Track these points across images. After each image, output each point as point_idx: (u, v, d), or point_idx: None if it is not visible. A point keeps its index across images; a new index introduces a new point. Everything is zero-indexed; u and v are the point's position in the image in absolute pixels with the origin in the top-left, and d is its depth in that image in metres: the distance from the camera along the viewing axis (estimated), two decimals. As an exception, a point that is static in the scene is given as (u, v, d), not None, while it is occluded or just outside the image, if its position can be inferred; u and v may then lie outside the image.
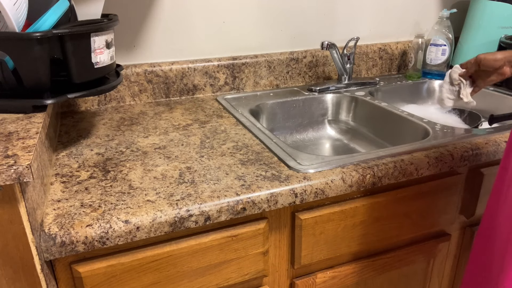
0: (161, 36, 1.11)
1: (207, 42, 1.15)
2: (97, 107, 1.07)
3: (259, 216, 0.72)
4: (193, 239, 0.67)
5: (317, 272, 0.82)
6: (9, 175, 0.50)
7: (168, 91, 1.12)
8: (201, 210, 0.64)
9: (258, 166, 0.76)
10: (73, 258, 0.62)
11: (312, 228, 0.75)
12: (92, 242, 0.59)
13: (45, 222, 0.60)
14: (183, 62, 1.12)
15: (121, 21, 1.05)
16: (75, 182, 0.70)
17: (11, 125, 0.64)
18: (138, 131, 0.92)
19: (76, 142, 0.86)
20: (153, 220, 0.62)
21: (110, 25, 0.76)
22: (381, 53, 1.35)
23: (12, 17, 0.63)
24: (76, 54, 0.70)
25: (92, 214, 0.62)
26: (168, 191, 0.68)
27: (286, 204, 0.70)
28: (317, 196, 0.71)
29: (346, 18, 1.28)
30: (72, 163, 0.77)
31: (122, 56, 1.09)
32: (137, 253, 0.65)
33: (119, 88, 1.07)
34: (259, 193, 0.68)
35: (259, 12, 1.18)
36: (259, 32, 1.20)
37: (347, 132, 1.17)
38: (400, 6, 1.34)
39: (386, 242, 0.85)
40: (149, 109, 1.05)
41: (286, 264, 0.79)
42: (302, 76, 1.26)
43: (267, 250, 0.74)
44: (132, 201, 0.65)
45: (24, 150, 0.55)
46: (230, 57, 1.17)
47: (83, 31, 0.71)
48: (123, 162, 0.77)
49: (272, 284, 0.79)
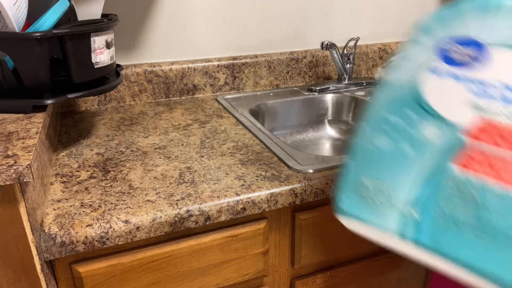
0: (161, 36, 1.11)
1: (207, 42, 1.15)
2: (97, 107, 1.07)
3: (259, 216, 0.72)
4: (193, 239, 0.67)
5: (317, 272, 0.82)
6: (9, 175, 0.50)
7: (168, 91, 1.12)
8: (201, 210, 0.64)
9: (258, 166, 0.76)
10: (73, 258, 0.62)
11: (312, 228, 0.76)
12: (92, 242, 0.59)
13: (45, 222, 0.60)
14: (183, 62, 1.12)
15: (121, 21, 1.05)
16: (75, 182, 0.70)
17: (11, 125, 0.64)
18: (138, 131, 0.92)
19: (76, 142, 0.86)
20: (153, 220, 0.62)
21: (110, 25, 0.76)
22: (381, 53, 1.36)
23: (12, 17, 0.63)
24: (76, 54, 0.70)
25: (92, 214, 0.62)
26: (168, 191, 0.68)
27: (286, 204, 0.70)
28: (317, 196, 0.71)
29: (346, 18, 1.28)
30: (72, 163, 0.77)
31: (122, 56, 1.09)
32: (137, 253, 0.65)
33: (119, 88, 1.07)
34: (259, 193, 0.68)
35: (259, 12, 1.18)
36: (259, 32, 1.20)
37: (347, 132, 1.17)
38: (400, 6, 1.34)
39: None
40: (149, 109, 1.05)
41: (286, 264, 0.79)
42: (302, 76, 1.26)
43: (267, 250, 0.74)
44: (132, 201, 0.65)
45: (24, 150, 0.55)
46: (230, 57, 1.17)
47: (83, 31, 0.71)
48: (123, 162, 0.77)
49: (272, 284, 0.79)
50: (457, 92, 0.24)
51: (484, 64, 0.23)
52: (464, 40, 0.24)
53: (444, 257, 0.23)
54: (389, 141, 0.26)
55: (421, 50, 0.26)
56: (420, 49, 0.26)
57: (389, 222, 0.26)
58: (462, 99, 0.24)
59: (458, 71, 0.25)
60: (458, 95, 0.24)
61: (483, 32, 0.23)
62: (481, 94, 0.23)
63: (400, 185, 0.25)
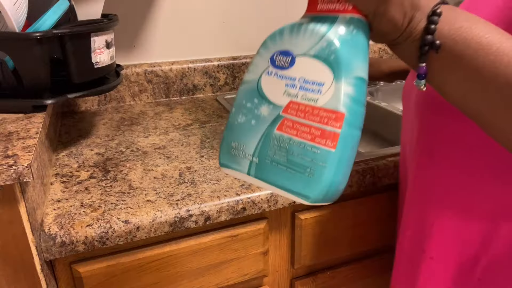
0: (161, 36, 1.11)
1: (207, 42, 1.15)
2: (97, 107, 1.07)
3: (259, 216, 0.72)
4: (193, 239, 0.67)
5: (317, 272, 0.82)
6: (9, 175, 0.50)
7: (168, 91, 1.12)
8: (201, 210, 0.64)
9: (258, 166, 0.76)
10: (73, 258, 0.62)
11: (312, 228, 0.76)
12: (92, 242, 0.59)
13: (45, 222, 0.60)
14: (183, 62, 1.12)
15: (121, 21, 1.05)
16: (75, 182, 0.70)
17: (11, 125, 0.64)
18: (138, 131, 0.92)
19: (76, 142, 0.86)
20: (153, 220, 0.62)
21: (110, 25, 0.76)
22: (381, 53, 1.35)
23: (12, 17, 0.63)
24: (76, 54, 0.70)
25: (92, 214, 0.62)
26: (168, 191, 0.68)
27: (286, 204, 0.70)
28: (317, 196, 0.71)
29: (346, 18, 1.28)
30: (72, 163, 0.77)
31: (122, 56, 1.09)
32: (137, 253, 0.65)
33: (119, 88, 1.07)
34: (259, 193, 0.68)
35: (259, 12, 1.18)
36: (259, 32, 1.20)
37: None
38: (400, 6, 1.34)
39: (387, 242, 0.85)
40: (149, 109, 1.05)
41: (286, 264, 0.79)
42: (302, 76, 1.26)
43: (267, 250, 0.74)
44: (132, 201, 0.65)
45: (24, 150, 0.55)
46: (230, 57, 1.17)
47: (83, 31, 0.71)
48: (123, 162, 0.77)
49: (272, 284, 0.79)
50: (279, 85, 0.40)
51: (293, 66, 0.39)
52: (284, 52, 0.40)
53: (269, 184, 0.40)
54: (244, 117, 0.42)
55: (262, 59, 0.42)
56: (262, 59, 0.42)
57: (244, 167, 0.42)
58: (282, 89, 0.39)
59: (280, 72, 0.40)
60: (280, 87, 0.40)
61: (293, 46, 0.39)
62: (291, 85, 0.39)
63: (249, 144, 0.41)
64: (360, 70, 0.38)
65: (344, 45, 0.37)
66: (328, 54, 0.37)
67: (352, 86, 0.37)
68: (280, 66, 0.40)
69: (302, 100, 0.38)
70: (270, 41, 0.41)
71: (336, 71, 0.37)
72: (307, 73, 0.38)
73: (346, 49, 0.37)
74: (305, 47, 0.39)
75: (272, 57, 0.41)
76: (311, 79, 0.38)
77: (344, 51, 0.37)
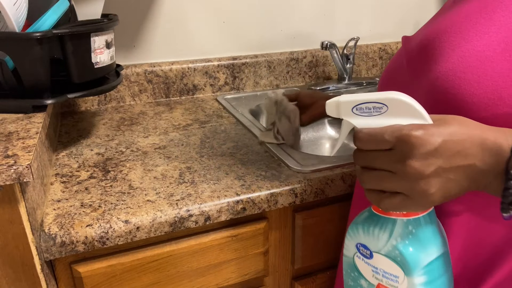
0: (161, 36, 1.11)
1: (207, 42, 1.15)
2: (97, 107, 1.07)
3: (259, 216, 0.72)
4: (193, 239, 0.67)
5: (317, 272, 0.82)
6: (9, 175, 0.50)
7: (168, 91, 1.12)
8: (201, 210, 0.64)
9: (258, 166, 0.76)
10: (73, 258, 0.62)
11: (312, 228, 0.76)
12: (92, 242, 0.59)
13: (45, 222, 0.60)
14: (183, 62, 1.12)
15: (121, 21, 1.05)
16: (75, 182, 0.71)
17: (11, 125, 0.64)
18: (138, 131, 0.92)
19: (76, 142, 0.86)
20: (153, 220, 0.62)
21: (110, 25, 0.76)
22: (381, 53, 1.36)
23: (12, 17, 0.63)
24: (76, 54, 0.70)
25: (92, 214, 0.62)
26: (168, 191, 0.68)
27: (286, 204, 0.70)
28: (317, 196, 0.71)
29: (346, 18, 1.28)
30: (72, 163, 0.77)
31: (122, 56, 1.09)
32: (137, 253, 0.65)
33: (119, 88, 1.07)
34: (259, 193, 0.68)
35: (259, 12, 1.18)
36: (259, 32, 1.20)
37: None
38: (400, 6, 1.34)
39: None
40: (149, 109, 1.05)
41: (286, 264, 0.79)
42: (302, 76, 1.26)
43: (267, 250, 0.74)
44: (132, 201, 0.65)
45: (24, 150, 0.55)
46: (230, 57, 1.17)
47: (83, 31, 0.71)
48: (123, 162, 0.77)
49: (272, 284, 0.79)
50: (367, 268, 0.45)
51: (373, 259, 0.44)
52: (364, 245, 0.45)
53: None
54: (353, 283, 0.48)
55: (351, 243, 0.47)
56: (350, 243, 0.47)
57: None
58: (370, 272, 0.45)
59: (365, 259, 0.45)
60: (368, 270, 0.45)
61: (368, 242, 0.44)
62: (375, 272, 0.44)
63: None
64: (431, 255, 0.42)
65: (406, 246, 0.42)
66: (395, 256, 0.42)
67: (424, 275, 0.42)
68: (364, 255, 0.45)
69: (387, 285, 0.44)
70: (351, 232, 0.46)
71: (405, 269, 0.42)
72: (384, 266, 0.43)
73: (410, 248, 0.42)
74: (378, 246, 0.44)
75: (357, 246, 0.46)
76: (388, 271, 0.43)
77: (407, 252, 0.42)
